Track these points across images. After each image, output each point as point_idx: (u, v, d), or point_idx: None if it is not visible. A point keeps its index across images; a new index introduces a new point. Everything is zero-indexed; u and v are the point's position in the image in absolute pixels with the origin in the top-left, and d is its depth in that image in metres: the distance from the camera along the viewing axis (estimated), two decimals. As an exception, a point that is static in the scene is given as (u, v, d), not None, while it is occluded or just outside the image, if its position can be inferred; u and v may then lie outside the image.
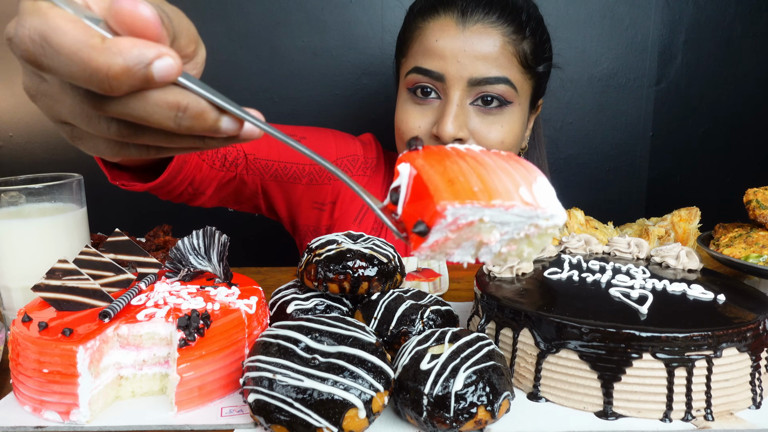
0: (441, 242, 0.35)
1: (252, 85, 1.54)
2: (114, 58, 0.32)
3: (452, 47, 0.97)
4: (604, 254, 0.80)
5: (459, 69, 0.97)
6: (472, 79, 0.97)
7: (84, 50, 0.32)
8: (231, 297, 0.63)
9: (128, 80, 0.33)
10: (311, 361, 0.51)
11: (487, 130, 1.00)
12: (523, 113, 1.04)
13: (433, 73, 0.99)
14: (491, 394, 0.51)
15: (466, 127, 0.99)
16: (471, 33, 0.97)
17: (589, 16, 1.54)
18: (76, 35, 0.32)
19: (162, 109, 0.35)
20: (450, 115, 0.97)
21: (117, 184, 0.81)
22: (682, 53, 1.59)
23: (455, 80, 0.97)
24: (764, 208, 0.81)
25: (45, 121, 1.55)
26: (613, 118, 1.62)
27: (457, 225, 0.34)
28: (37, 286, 0.59)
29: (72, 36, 0.32)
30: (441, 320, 0.66)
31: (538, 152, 1.23)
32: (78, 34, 0.32)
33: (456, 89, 0.98)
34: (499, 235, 0.36)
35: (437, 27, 0.99)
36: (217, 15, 1.50)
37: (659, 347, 0.53)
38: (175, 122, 0.36)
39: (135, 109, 0.35)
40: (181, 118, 0.36)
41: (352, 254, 0.68)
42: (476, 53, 0.97)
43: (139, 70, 0.33)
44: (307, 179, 1.12)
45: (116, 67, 0.32)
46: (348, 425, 0.49)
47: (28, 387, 0.55)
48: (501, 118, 1.01)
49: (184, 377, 0.54)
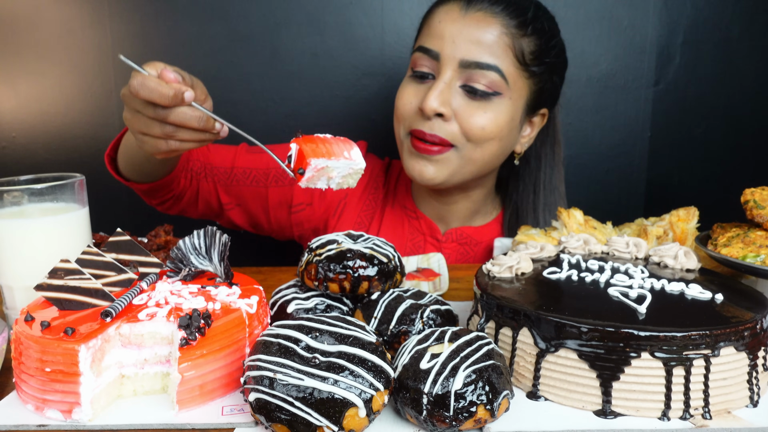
0: (310, 178, 0.73)
1: (252, 86, 1.55)
2: (169, 89, 0.74)
3: (451, 29, 1.03)
4: (603, 254, 0.80)
5: (453, 49, 1.02)
6: (463, 61, 1.01)
7: (158, 86, 0.74)
8: (232, 296, 0.63)
9: (174, 99, 0.74)
10: (312, 361, 0.51)
11: (469, 113, 1.02)
12: (513, 109, 1.05)
13: (431, 51, 1.04)
14: (491, 393, 0.52)
15: (449, 104, 1.02)
16: (471, 19, 1.02)
17: (588, 17, 1.55)
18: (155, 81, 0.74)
19: (189, 115, 0.76)
20: (435, 90, 1.01)
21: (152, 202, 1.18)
22: (680, 54, 1.59)
23: (448, 59, 1.02)
24: (761, 208, 0.81)
25: (47, 122, 1.55)
26: (612, 118, 1.62)
27: (316, 168, 0.72)
28: (40, 285, 0.60)
29: (154, 81, 0.74)
30: (441, 320, 0.66)
31: (548, 170, 1.21)
32: (155, 81, 0.74)
33: (448, 68, 1.02)
34: (336, 173, 0.74)
35: (443, 11, 1.06)
36: (218, 16, 1.50)
37: (657, 346, 0.54)
38: (198, 123, 0.77)
39: (177, 114, 0.76)
40: (200, 120, 0.77)
41: (352, 254, 0.69)
42: (472, 37, 1.01)
43: (179, 95, 0.74)
44: (273, 181, 1.19)
45: (170, 92, 0.74)
46: (348, 424, 0.49)
47: (30, 386, 0.55)
48: (486, 105, 1.03)
49: (185, 376, 0.55)
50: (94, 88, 1.53)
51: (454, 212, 1.21)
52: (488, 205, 1.25)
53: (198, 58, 1.52)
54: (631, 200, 1.68)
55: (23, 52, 1.51)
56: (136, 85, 0.74)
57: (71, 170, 0.83)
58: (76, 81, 1.53)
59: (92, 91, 1.54)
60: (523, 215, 1.20)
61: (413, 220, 1.22)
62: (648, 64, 1.58)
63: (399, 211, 1.23)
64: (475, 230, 1.23)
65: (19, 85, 1.53)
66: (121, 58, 0.77)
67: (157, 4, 1.49)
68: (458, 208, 1.20)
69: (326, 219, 1.23)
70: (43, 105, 1.54)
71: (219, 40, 1.51)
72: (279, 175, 1.20)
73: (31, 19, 1.49)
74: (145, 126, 0.79)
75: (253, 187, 1.20)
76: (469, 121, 1.02)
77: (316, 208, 1.22)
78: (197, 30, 1.50)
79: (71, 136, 1.56)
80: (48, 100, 1.54)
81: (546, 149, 1.21)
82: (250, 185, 1.20)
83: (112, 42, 1.50)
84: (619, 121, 1.62)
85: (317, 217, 1.23)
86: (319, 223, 1.24)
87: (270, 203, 1.21)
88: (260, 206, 1.22)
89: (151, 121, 0.78)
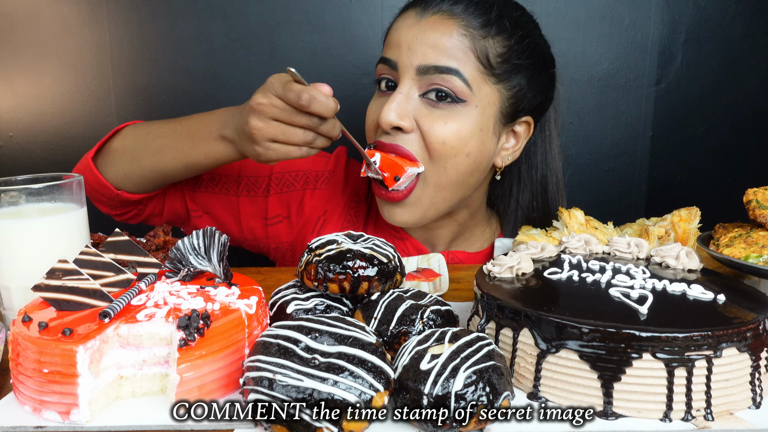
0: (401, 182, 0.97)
1: (252, 85, 1.52)
2: (335, 103, 0.85)
3: (407, 35, 0.97)
4: (604, 254, 0.80)
5: (410, 56, 0.95)
6: (420, 67, 0.95)
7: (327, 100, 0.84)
8: (231, 297, 0.63)
9: (335, 111, 0.85)
10: (311, 361, 0.51)
11: (430, 124, 0.95)
12: (481, 118, 0.97)
13: (389, 61, 0.99)
14: (491, 394, 0.51)
15: (408, 117, 0.95)
16: (427, 23, 0.96)
17: (589, 16, 1.54)
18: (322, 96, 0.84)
19: (334, 126, 0.88)
20: (392, 102, 0.95)
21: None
22: (682, 53, 1.59)
23: (405, 68, 0.96)
24: (764, 208, 0.81)
25: (45, 121, 1.55)
26: (613, 118, 1.62)
27: (408, 175, 0.96)
28: (37, 286, 0.59)
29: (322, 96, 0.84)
30: (441, 320, 0.66)
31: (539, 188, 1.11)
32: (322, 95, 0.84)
33: (406, 77, 0.96)
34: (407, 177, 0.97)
35: (401, 19, 1.01)
36: (218, 15, 1.50)
37: (659, 347, 0.53)
38: (339, 133, 0.90)
39: (327, 125, 0.87)
40: (339, 130, 0.90)
41: (352, 254, 0.68)
42: (428, 42, 0.94)
43: (337, 108, 0.85)
44: (245, 191, 1.13)
45: (335, 105, 0.85)
46: (348, 425, 0.49)
47: (28, 387, 0.55)
48: (448, 115, 0.95)
49: (184, 377, 0.54)
50: (92, 87, 1.53)
51: (440, 237, 1.14)
52: (479, 226, 1.17)
53: (197, 57, 1.52)
54: (633, 200, 1.68)
55: (21, 51, 1.50)
56: (307, 98, 0.82)
57: (69, 170, 0.83)
58: (74, 80, 1.53)
59: (90, 91, 1.53)
60: None
61: (399, 241, 1.14)
62: (650, 63, 1.58)
63: (384, 232, 1.14)
64: (468, 256, 1.15)
65: (17, 85, 1.52)
66: (290, 70, 0.83)
67: (155, 3, 1.49)
68: (443, 233, 1.13)
69: (305, 236, 1.15)
70: (40, 104, 1.54)
71: (218, 39, 1.51)
72: (251, 184, 1.13)
73: (28, 18, 1.49)
74: (283, 134, 0.86)
75: (223, 195, 1.13)
76: (430, 133, 0.95)
77: (294, 223, 1.15)
78: (196, 29, 1.50)
79: (69, 135, 1.56)
80: (46, 99, 1.54)
81: (537, 163, 1.11)
82: (220, 192, 1.13)
83: (110, 41, 1.50)
84: (620, 120, 1.62)
85: (295, 232, 1.16)
86: (296, 238, 1.16)
87: (242, 213, 1.14)
88: (230, 215, 1.15)
89: (293, 129, 0.86)
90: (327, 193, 1.16)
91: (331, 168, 1.17)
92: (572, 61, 1.56)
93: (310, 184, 1.15)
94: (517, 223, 1.14)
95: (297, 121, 0.85)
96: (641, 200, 1.68)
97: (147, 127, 1.08)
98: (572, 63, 1.56)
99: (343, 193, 1.17)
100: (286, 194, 1.14)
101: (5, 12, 1.48)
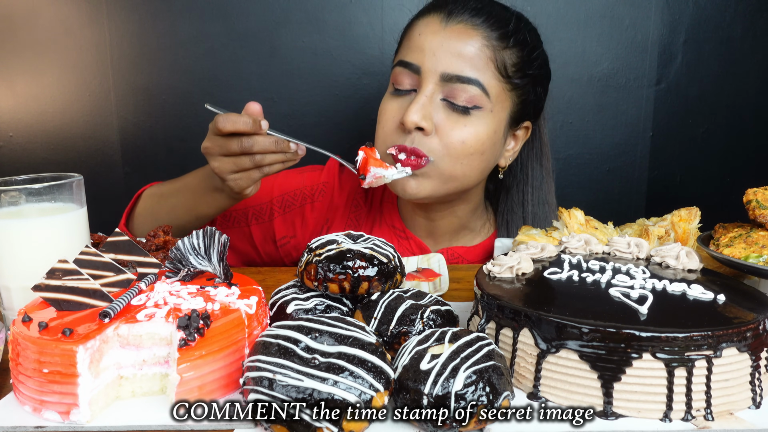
0: (371, 182, 1.00)
1: (252, 85, 1.54)
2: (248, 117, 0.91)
3: (431, 42, 1.01)
4: (604, 254, 0.80)
5: (434, 63, 1.00)
6: (444, 74, 1.00)
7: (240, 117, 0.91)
8: (231, 297, 0.63)
9: (255, 124, 0.90)
10: (311, 361, 0.51)
11: (451, 127, 1.01)
12: (495, 123, 1.04)
13: (412, 65, 1.03)
14: (491, 394, 0.51)
15: (430, 119, 1.00)
16: (452, 31, 1.01)
17: (589, 15, 1.54)
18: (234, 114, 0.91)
19: (269, 141, 0.92)
20: (416, 104, 1.00)
21: None
22: (682, 53, 1.58)
23: (429, 73, 1.01)
24: (764, 208, 0.81)
25: (45, 121, 1.55)
26: (613, 118, 1.62)
27: (375, 176, 0.99)
28: (37, 286, 0.59)
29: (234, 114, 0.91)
30: (441, 320, 0.66)
31: (537, 183, 1.19)
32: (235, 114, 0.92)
33: (429, 82, 1.01)
34: (389, 177, 1.00)
35: (423, 24, 1.04)
36: (217, 15, 1.50)
37: (659, 347, 0.53)
38: (276, 146, 0.93)
39: (259, 142, 0.92)
40: (277, 143, 0.93)
41: (352, 254, 0.68)
42: (453, 50, 1.00)
43: (257, 121, 0.91)
44: (254, 219, 1.20)
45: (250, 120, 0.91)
46: (348, 425, 0.49)
47: (28, 387, 0.55)
48: (467, 119, 1.01)
49: (184, 377, 0.54)
50: (92, 87, 1.53)
51: (441, 228, 1.19)
52: (477, 221, 1.23)
53: (197, 57, 1.52)
54: (633, 200, 1.68)
55: (21, 51, 1.50)
56: (222, 120, 0.90)
57: (69, 170, 0.83)
58: (74, 80, 1.53)
59: (90, 90, 1.53)
60: (513, 230, 1.18)
61: (403, 240, 1.20)
62: (650, 63, 1.58)
63: (387, 231, 1.21)
64: (468, 250, 1.21)
65: (17, 84, 1.52)
66: (207, 107, 0.92)
67: (155, 3, 1.49)
68: (444, 224, 1.18)
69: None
70: (40, 104, 1.54)
71: (218, 39, 1.51)
72: (257, 213, 1.20)
73: (28, 17, 1.48)
74: (235, 163, 0.93)
75: (236, 228, 1.21)
76: (450, 135, 1.00)
77: (300, 238, 1.21)
78: (196, 29, 1.50)
79: (69, 135, 1.56)
80: (46, 99, 1.54)
81: (533, 163, 1.19)
82: (233, 227, 1.21)
83: (110, 41, 1.50)
84: (620, 120, 1.62)
85: (304, 247, 1.19)
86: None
87: (256, 240, 1.21)
88: (248, 244, 1.22)
89: (240, 157, 0.92)
90: (325, 204, 1.21)
91: (324, 180, 1.22)
92: (572, 61, 1.56)
93: (308, 199, 1.21)
94: (512, 216, 1.21)
95: (232, 148, 0.91)
96: (641, 200, 1.68)
97: (159, 189, 1.18)
98: (572, 63, 1.56)
99: (340, 200, 1.22)
100: (289, 214, 1.21)
101: (5, 12, 1.48)
